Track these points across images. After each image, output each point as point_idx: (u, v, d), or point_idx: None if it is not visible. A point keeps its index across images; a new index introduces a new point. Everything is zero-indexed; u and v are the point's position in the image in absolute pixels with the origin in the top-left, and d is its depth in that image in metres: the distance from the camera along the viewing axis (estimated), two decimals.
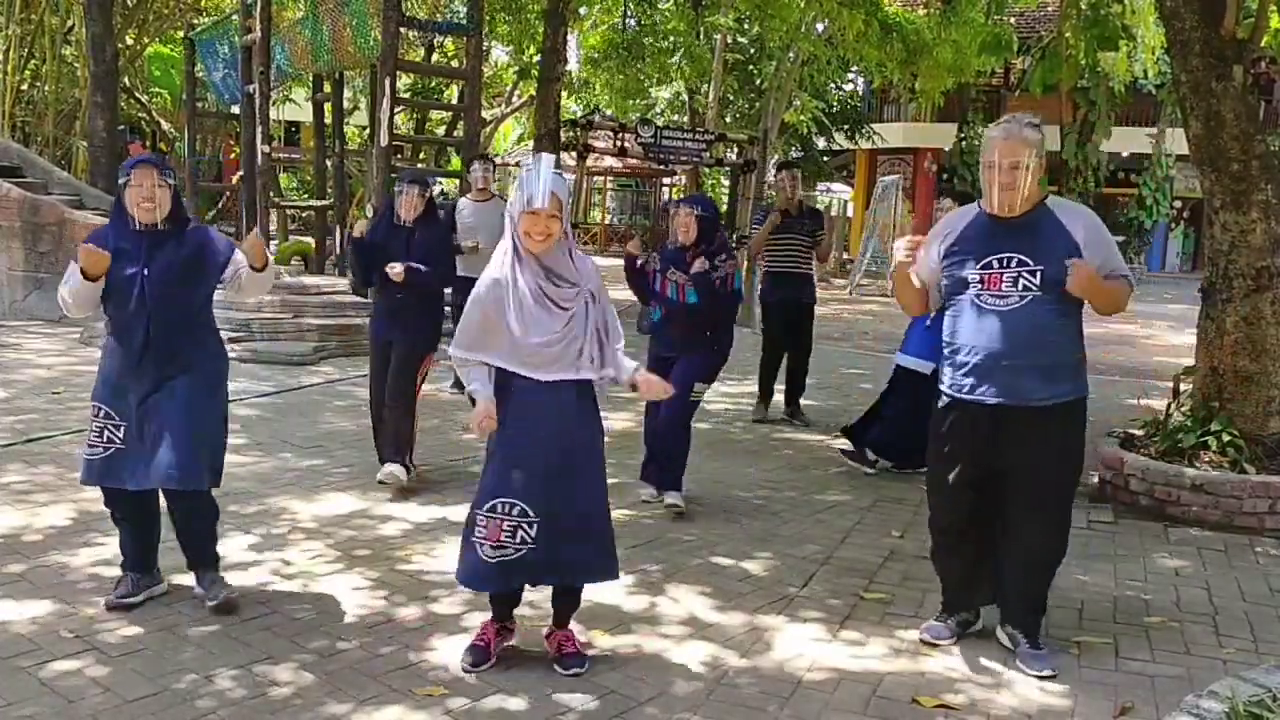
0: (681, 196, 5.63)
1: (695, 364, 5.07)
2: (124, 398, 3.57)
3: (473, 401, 3.24)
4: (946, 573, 3.68)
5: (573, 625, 3.44)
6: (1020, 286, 3.29)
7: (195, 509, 3.70)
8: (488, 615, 3.65)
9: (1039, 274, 3.28)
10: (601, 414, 3.39)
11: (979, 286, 3.35)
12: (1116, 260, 3.42)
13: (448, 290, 5.77)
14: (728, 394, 8.14)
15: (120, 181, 3.56)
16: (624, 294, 5.82)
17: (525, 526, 3.16)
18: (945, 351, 3.49)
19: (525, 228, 3.11)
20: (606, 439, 3.42)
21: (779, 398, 7.53)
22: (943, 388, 3.51)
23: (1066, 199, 3.53)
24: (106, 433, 3.57)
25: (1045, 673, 3.38)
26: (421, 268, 5.17)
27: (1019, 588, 3.53)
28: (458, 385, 7.05)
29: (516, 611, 3.69)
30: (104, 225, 3.77)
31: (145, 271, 3.50)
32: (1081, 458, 3.52)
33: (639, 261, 5.16)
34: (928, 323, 4.88)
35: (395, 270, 5.10)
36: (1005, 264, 3.31)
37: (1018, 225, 3.33)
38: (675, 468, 5.12)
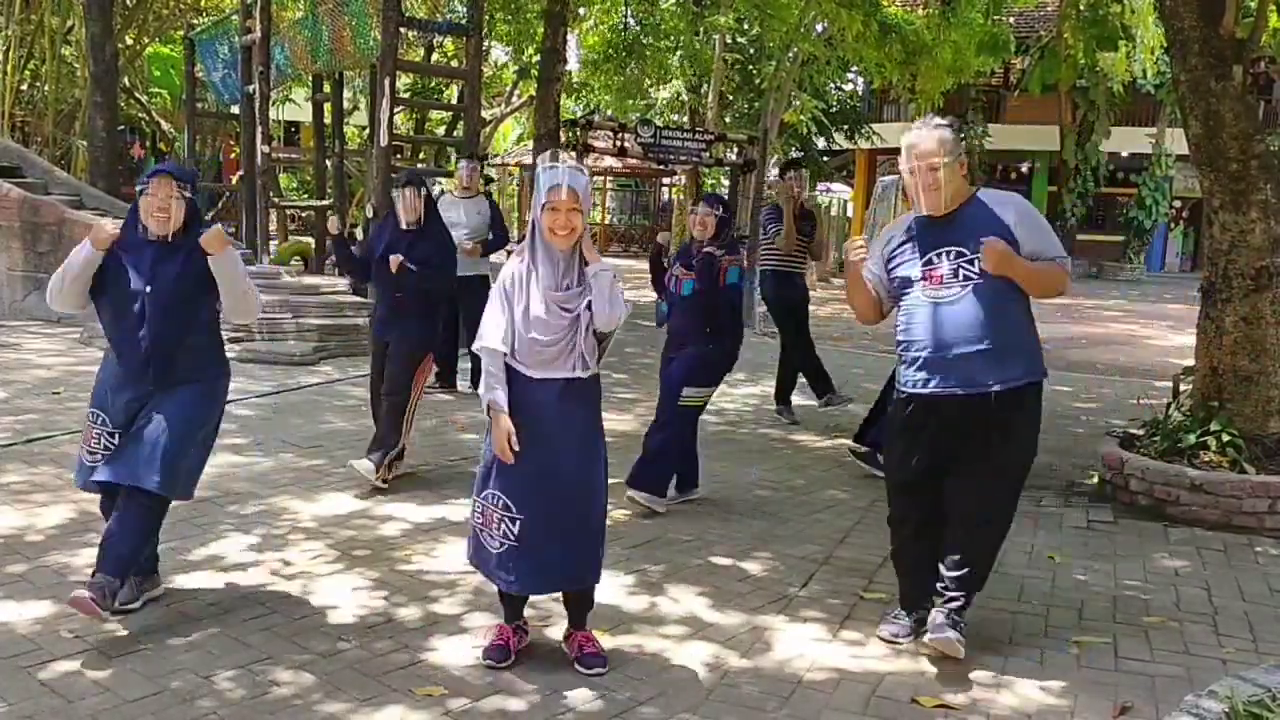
0: (704, 196, 5.72)
1: (684, 363, 5.09)
2: (121, 406, 3.55)
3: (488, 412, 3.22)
4: (904, 569, 3.70)
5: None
6: (961, 277, 3.36)
7: (139, 507, 3.47)
8: (488, 615, 3.67)
9: (976, 262, 3.34)
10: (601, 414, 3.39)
11: (923, 283, 3.42)
12: (1049, 244, 3.45)
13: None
14: (734, 395, 8.13)
15: (138, 188, 3.55)
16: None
17: (508, 522, 3.19)
18: (899, 350, 3.55)
19: (548, 223, 3.15)
20: (608, 440, 3.42)
21: (772, 393, 7.62)
22: (899, 385, 3.56)
23: (999, 190, 3.57)
24: (104, 440, 3.56)
25: (942, 635, 3.34)
26: (412, 268, 5.25)
27: (953, 553, 3.47)
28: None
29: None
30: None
31: (149, 289, 3.47)
32: (1034, 442, 3.54)
33: (662, 253, 5.41)
34: None
35: (396, 260, 5.22)
36: (944, 257, 3.39)
37: (950, 220, 3.41)
38: (652, 469, 5.02)
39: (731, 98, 21.26)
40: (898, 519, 3.67)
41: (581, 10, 16.84)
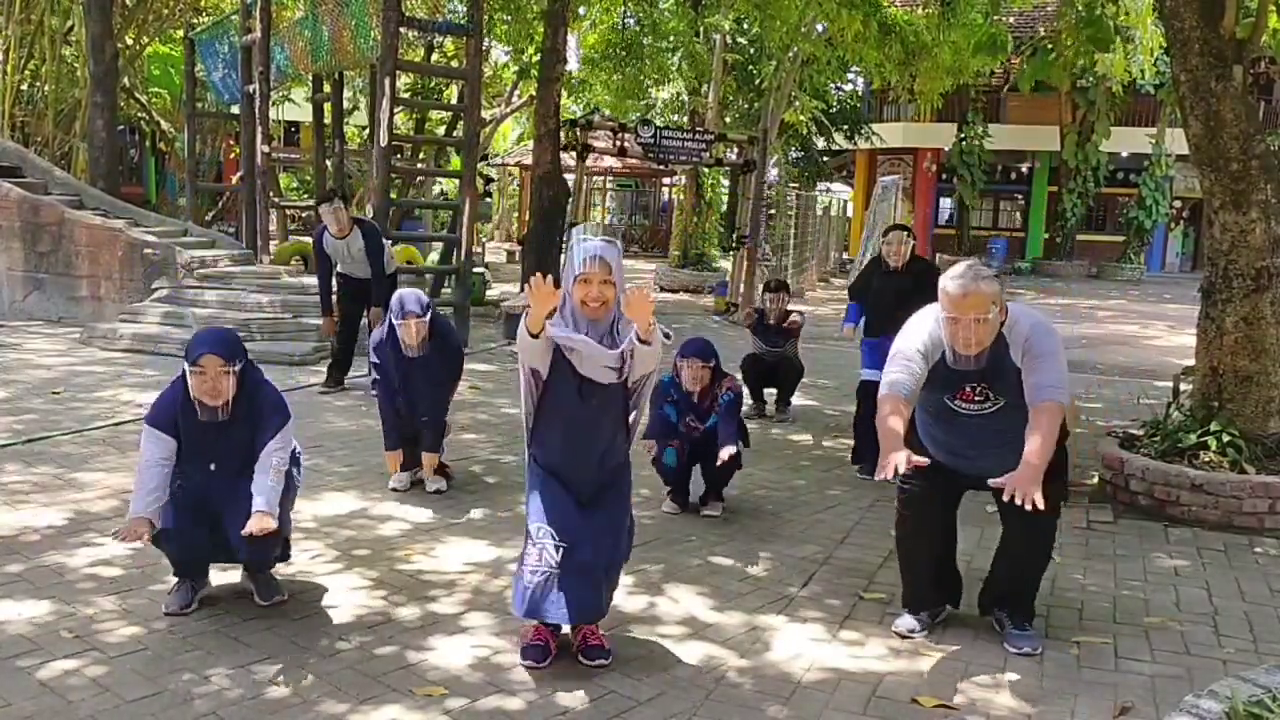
0: (688, 342, 5.37)
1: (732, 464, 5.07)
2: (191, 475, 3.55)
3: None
4: (915, 577, 3.74)
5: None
6: (991, 399, 3.46)
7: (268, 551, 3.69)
8: (487, 615, 3.69)
9: (1002, 394, 3.43)
10: None
11: (951, 395, 3.49)
12: (1045, 375, 3.32)
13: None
14: None
15: (186, 365, 3.43)
16: None
17: (551, 550, 3.22)
18: (920, 433, 3.63)
19: (579, 296, 3.13)
20: None
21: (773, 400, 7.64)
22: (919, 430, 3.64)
23: (1021, 314, 3.45)
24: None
25: (1025, 649, 3.51)
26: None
27: (1005, 586, 3.68)
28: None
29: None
30: (170, 394, 3.53)
31: (212, 466, 3.53)
32: (1065, 469, 3.62)
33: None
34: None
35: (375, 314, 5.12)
36: (975, 390, 3.47)
37: (979, 360, 3.39)
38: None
39: (731, 98, 21.25)
40: (913, 528, 3.68)
41: (581, 10, 16.81)
